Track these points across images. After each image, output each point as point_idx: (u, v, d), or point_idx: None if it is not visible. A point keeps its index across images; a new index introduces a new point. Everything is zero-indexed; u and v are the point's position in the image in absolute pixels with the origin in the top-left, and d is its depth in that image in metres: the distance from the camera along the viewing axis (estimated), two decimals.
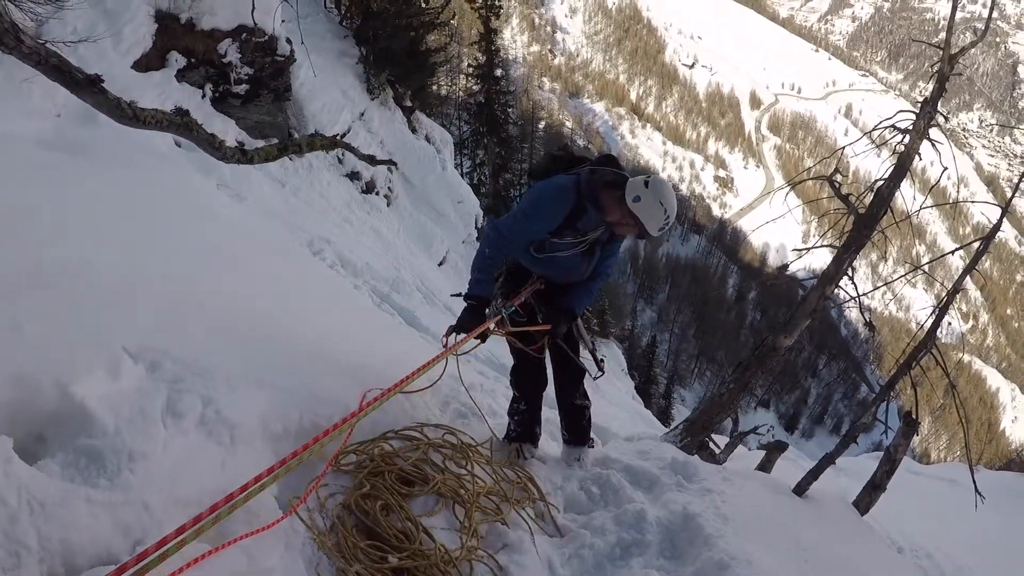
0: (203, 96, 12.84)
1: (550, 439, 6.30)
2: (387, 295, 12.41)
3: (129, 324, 3.79)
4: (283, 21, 13.88)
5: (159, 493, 2.87)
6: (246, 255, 7.85)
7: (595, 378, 5.41)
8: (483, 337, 4.69)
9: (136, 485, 2.82)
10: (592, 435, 5.76)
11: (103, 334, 3.52)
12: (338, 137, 5.23)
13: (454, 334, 4.72)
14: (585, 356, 5.35)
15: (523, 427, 5.31)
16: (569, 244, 4.57)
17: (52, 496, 2.61)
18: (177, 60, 12.27)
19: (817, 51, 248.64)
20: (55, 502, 2.61)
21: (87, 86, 3.45)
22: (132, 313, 4.00)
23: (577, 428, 5.49)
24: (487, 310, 4.71)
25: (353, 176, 17.50)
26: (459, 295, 4.95)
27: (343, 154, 16.78)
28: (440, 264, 19.13)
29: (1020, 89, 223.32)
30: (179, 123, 3.85)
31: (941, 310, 6.47)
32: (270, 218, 11.70)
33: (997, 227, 6.35)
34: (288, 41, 14.17)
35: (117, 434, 2.96)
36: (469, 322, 4.64)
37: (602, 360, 5.54)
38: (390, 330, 9.75)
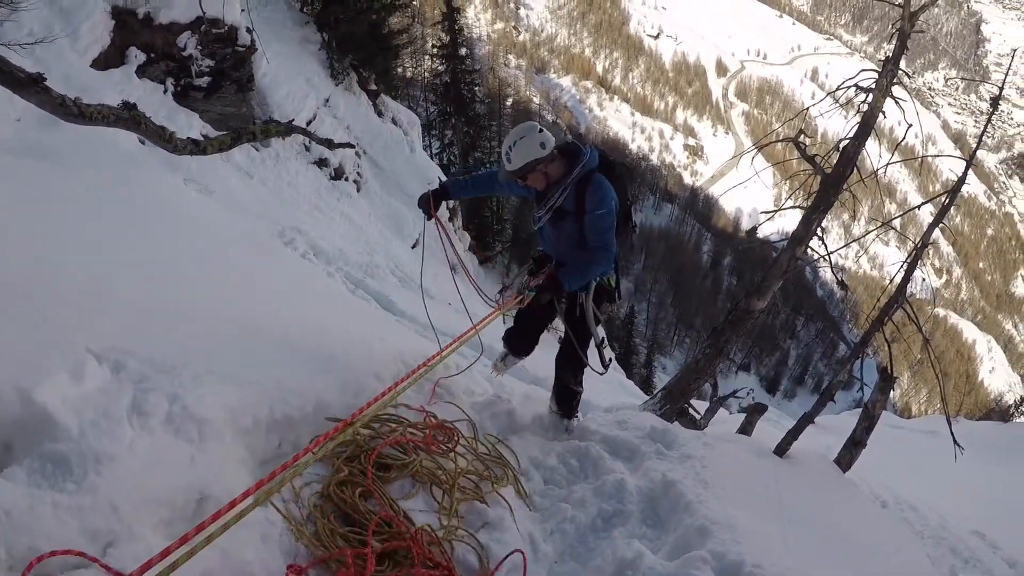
0: (165, 91, 12.69)
1: (531, 416, 6.30)
2: (361, 281, 12.36)
3: (93, 326, 3.73)
4: (242, 10, 13.69)
5: (127, 494, 2.82)
6: (214, 250, 7.78)
7: (600, 373, 5.59)
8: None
9: (103, 487, 2.77)
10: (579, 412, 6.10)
11: (66, 337, 3.46)
12: (294, 122, 5.16)
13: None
14: (593, 351, 5.60)
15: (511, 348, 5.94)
16: (541, 215, 4.98)
17: (18, 504, 2.56)
18: (136, 56, 12.11)
19: (781, 16, 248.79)
20: (22, 509, 2.55)
21: (29, 85, 3.35)
22: (96, 315, 3.94)
23: (567, 404, 5.87)
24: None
25: (321, 163, 17.38)
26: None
27: (309, 142, 16.65)
28: (413, 247, 19.06)
29: (984, 47, 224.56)
30: (126, 117, 3.76)
31: (910, 265, 6.50)
32: (239, 211, 11.61)
33: (962, 180, 6.38)
34: (249, 30, 13.99)
35: (82, 437, 2.90)
36: (424, 195, 5.28)
37: (610, 360, 5.72)
38: (364, 316, 9.70)
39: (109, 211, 6.89)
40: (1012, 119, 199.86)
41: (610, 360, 5.73)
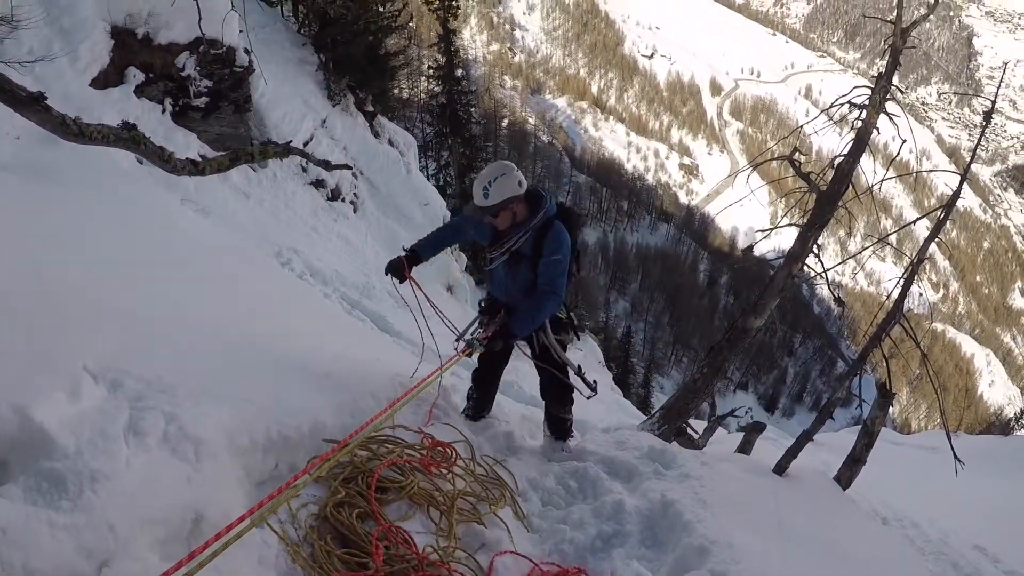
0: (163, 111, 12.70)
1: (528, 437, 6.30)
2: (357, 301, 12.35)
3: (90, 345, 3.72)
4: (240, 31, 13.74)
5: (123, 513, 2.81)
6: (211, 269, 7.79)
7: (587, 398, 5.70)
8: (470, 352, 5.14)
9: (99, 506, 2.75)
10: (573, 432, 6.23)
11: (63, 356, 3.46)
12: (291, 143, 5.16)
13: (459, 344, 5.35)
14: (577, 379, 5.79)
15: (475, 409, 5.97)
16: (495, 256, 5.15)
17: (14, 521, 2.55)
18: (135, 76, 12.12)
19: (774, 35, 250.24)
20: (17, 527, 2.54)
21: (30, 104, 3.36)
22: (93, 333, 3.94)
23: (559, 430, 6.03)
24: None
25: (318, 184, 17.39)
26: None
27: (306, 162, 16.68)
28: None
29: (976, 60, 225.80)
30: (126, 137, 3.76)
31: (907, 280, 6.51)
32: (236, 231, 11.62)
33: (957, 194, 6.40)
34: (247, 51, 14.04)
35: (78, 455, 2.89)
36: (394, 263, 5.42)
37: (594, 382, 5.78)
38: (361, 336, 9.72)
39: (107, 230, 6.90)
40: (1006, 132, 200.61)
41: (595, 383, 5.80)
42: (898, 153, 6.75)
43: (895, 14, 6.97)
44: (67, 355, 3.47)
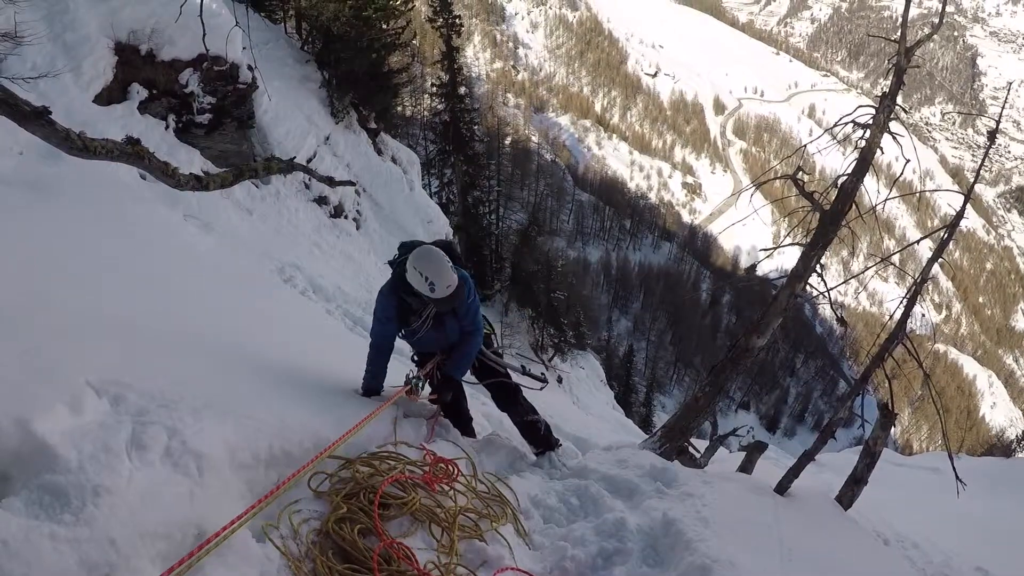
0: (166, 127, 12.76)
1: (530, 455, 6.29)
2: (360, 318, 12.36)
3: (92, 358, 3.73)
4: (244, 48, 13.81)
5: (125, 527, 2.80)
6: (213, 285, 7.81)
7: (540, 389, 6.10)
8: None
9: (101, 520, 2.75)
10: (556, 436, 6.29)
11: (65, 370, 3.46)
12: (295, 160, 5.22)
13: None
14: (522, 377, 6.16)
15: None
16: (419, 326, 5.28)
17: (15, 534, 2.55)
18: (139, 92, 12.18)
19: (778, 54, 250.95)
20: (19, 540, 2.53)
21: (35, 118, 3.38)
22: (96, 347, 3.95)
23: (537, 439, 6.09)
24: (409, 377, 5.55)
25: (321, 201, 17.45)
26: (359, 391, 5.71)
27: (309, 179, 16.74)
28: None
29: (980, 81, 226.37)
30: (130, 152, 3.78)
31: (910, 300, 6.51)
32: (239, 247, 11.65)
33: (961, 214, 6.41)
34: (250, 68, 14.11)
35: (80, 469, 2.89)
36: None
37: (543, 373, 6.16)
38: (362, 353, 9.69)
39: (109, 244, 6.93)
40: (1009, 152, 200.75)
41: (543, 373, 6.17)
42: (901, 173, 6.77)
43: (899, 34, 7.00)
44: (69, 369, 3.47)
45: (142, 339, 4.52)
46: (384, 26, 21.21)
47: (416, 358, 5.96)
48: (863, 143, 7.16)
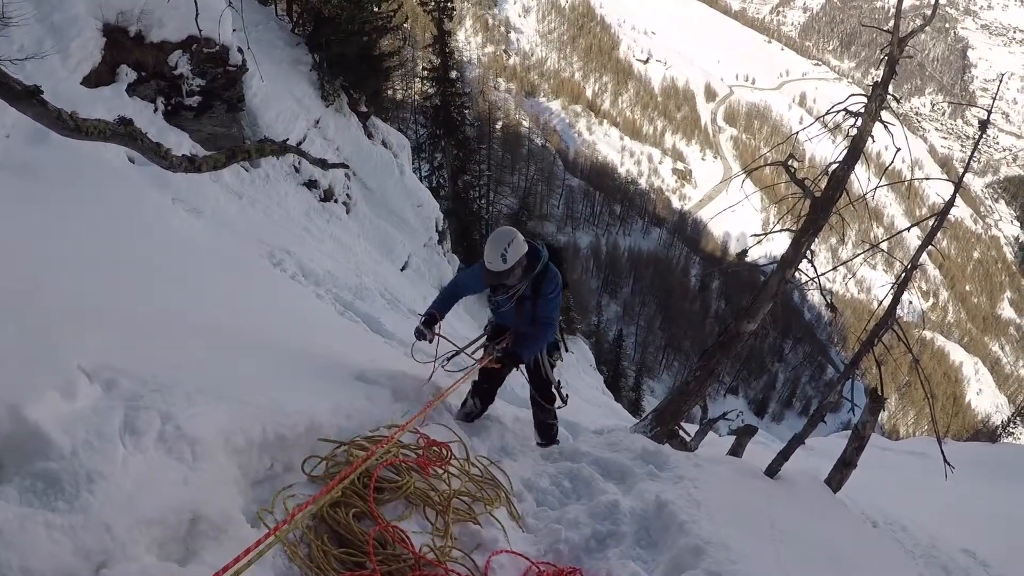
0: (155, 110, 12.62)
1: (522, 438, 6.31)
2: (350, 303, 12.32)
3: (84, 343, 3.70)
4: (234, 30, 13.69)
5: (120, 513, 2.79)
6: (203, 269, 7.78)
7: (557, 408, 6.68)
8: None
9: (96, 506, 2.73)
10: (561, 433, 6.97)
11: (57, 356, 3.43)
12: (287, 142, 5.20)
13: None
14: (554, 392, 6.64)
15: (468, 416, 6.38)
16: (504, 300, 5.96)
17: (10, 522, 2.53)
18: (127, 74, 12.02)
19: (770, 42, 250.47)
20: (13, 528, 2.52)
21: (26, 97, 3.35)
22: (87, 332, 3.92)
23: (547, 436, 6.73)
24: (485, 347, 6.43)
25: (311, 185, 17.36)
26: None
27: (299, 163, 16.65)
28: (403, 269, 19.06)
29: (970, 72, 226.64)
30: (123, 133, 3.75)
31: (899, 286, 6.54)
32: (228, 231, 11.59)
33: (951, 203, 6.44)
34: (240, 50, 13.98)
35: (74, 456, 2.87)
36: (419, 329, 6.14)
37: (567, 395, 6.74)
38: (354, 338, 9.70)
39: (99, 228, 6.88)
40: (998, 143, 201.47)
41: (567, 396, 6.75)
42: (892, 162, 6.80)
43: (892, 24, 7.02)
44: (61, 354, 3.44)
45: (134, 323, 4.50)
46: (375, 9, 21.03)
47: (488, 328, 6.71)
48: (854, 131, 7.18)
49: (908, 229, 7.87)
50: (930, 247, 6.68)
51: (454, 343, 6.61)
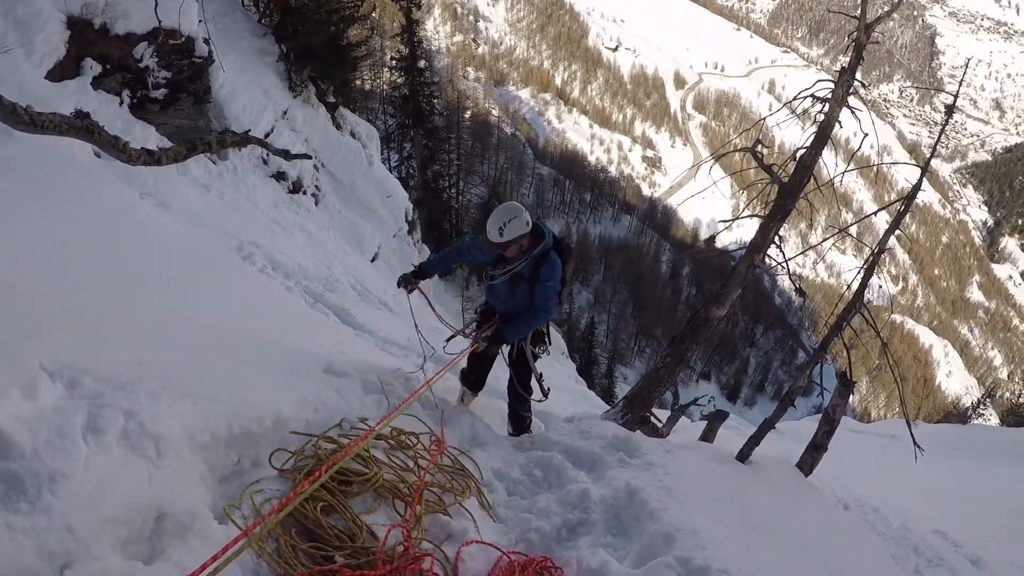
0: (121, 103, 12.44)
1: (493, 428, 6.31)
2: (320, 295, 12.26)
3: (46, 342, 3.65)
4: (200, 21, 13.52)
5: (83, 513, 2.75)
6: (171, 264, 7.69)
7: (538, 401, 6.65)
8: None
9: (58, 507, 2.68)
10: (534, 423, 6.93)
11: (17, 354, 3.37)
12: (250, 133, 5.15)
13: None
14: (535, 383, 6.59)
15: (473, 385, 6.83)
16: (499, 275, 5.94)
17: None
18: (92, 67, 11.83)
19: (739, 30, 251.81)
20: None
21: None
22: (49, 331, 3.86)
23: (519, 427, 6.69)
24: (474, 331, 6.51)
25: (279, 176, 17.23)
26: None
27: (267, 155, 16.50)
28: (372, 260, 18.98)
29: (938, 59, 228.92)
30: (79, 126, 3.69)
31: (867, 271, 6.59)
32: (196, 225, 11.46)
33: (917, 187, 6.49)
34: (206, 42, 13.81)
35: (35, 456, 2.81)
36: (404, 276, 6.29)
37: (548, 389, 6.60)
38: (323, 330, 9.65)
39: (63, 224, 6.77)
40: (966, 129, 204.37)
41: (548, 390, 6.61)
42: (859, 147, 6.83)
43: (860, 10, 7.05)
44: (22, 353, 3.38)
45: (98, 321, 4.44)
46: None
47: (479, 309, 6.74)
48: (822, 116, 7.22)
49: (875, 213, 7.93)
50: (898, 232, 6.73)
51: (431, 304, 6.70)
